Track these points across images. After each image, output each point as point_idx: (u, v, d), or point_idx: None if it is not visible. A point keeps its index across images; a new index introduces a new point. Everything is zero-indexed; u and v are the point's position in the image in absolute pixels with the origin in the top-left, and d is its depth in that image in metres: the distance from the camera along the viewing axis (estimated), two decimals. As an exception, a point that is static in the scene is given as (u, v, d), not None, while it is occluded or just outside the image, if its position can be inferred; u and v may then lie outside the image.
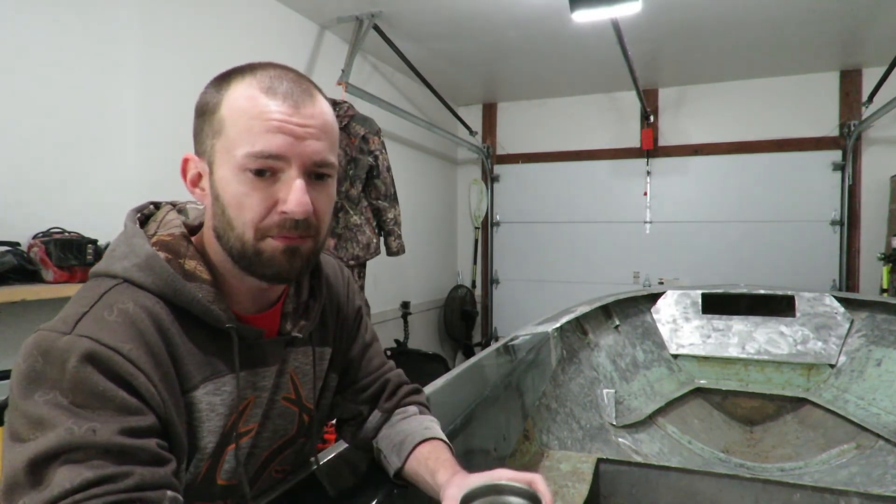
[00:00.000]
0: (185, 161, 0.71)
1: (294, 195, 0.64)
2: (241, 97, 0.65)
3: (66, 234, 1.77)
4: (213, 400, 0.68)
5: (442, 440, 0.84)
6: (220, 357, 0.69)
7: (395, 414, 0.89)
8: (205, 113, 0.67)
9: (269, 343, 0.74)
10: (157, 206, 0.76)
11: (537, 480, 0.67)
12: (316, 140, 0.66)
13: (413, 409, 0.90)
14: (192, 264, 0.68)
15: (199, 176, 0.69)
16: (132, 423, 0.57)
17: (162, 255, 0.66)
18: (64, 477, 0.52)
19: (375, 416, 0.89)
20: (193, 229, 0.74)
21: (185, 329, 0.66)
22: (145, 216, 0.74)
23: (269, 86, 0.65)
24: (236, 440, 0.71)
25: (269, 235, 0.65)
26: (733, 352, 2.71)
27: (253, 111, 0.64)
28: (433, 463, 0.77)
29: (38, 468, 0.53)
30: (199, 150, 0.69)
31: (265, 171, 0.64)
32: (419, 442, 0.82)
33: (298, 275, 0.70)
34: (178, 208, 0.77)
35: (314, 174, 0.67)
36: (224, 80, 0.67)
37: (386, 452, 0.85)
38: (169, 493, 0.57)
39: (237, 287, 0.71)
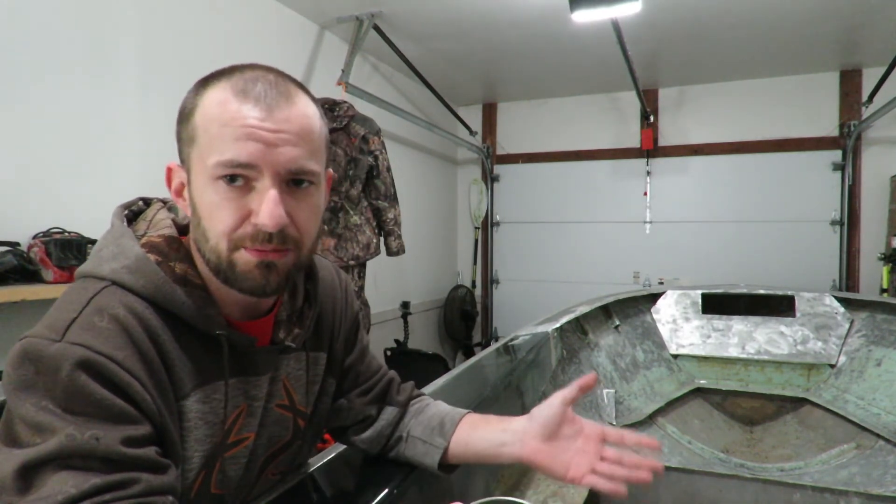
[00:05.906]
0: (169, 170, 0.68)
1: (266, 206, 0.60)
2: (214, 102, 0.61)
3: (66, 234, 1.77)
4: (202, 408, 0.66)
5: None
6: (211, 364, 0.67)
7: (412, 404, 0.90)
8: (182, 120, 0.64)
9: (262, 352, 0.71)
10: (147, 202, 0.73)
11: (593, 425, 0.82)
12: (292, 146, 0.61)
13: (428, 398, 0.93)
14: (182, 268, 0.65)
15: (183, 185, 0.66)
16: (131, 432, 0.56)
17: (152, 257, 0.64)
18: (64, 482, 0.51)
19: (388, 411, 0.88)
20: (183, 228, 0.71)
21: (176, 335, 0.64)
22: (134, 213, 0.72)
23: (242, 88, 0.61)
24: (226, 450, 0.70)
25: (242, 247, 0.62)
26: (733, 352, 2.71)
27: (223, 117, 0.60)
28: (495, 421, 0.84)
29: (29, 473, 0.52)
30: (180, 158, 0.66)
31: (237, 179, 0.60)
32: (461, 417, 0.85)
33: (276, 290, 0.65)
34: (169, 206, 0.73)
35: (292, 182, 0.63)
36: (202, 84, 0.64)
37: (424, 438, 0.85)
38: (170, 498, 0.57)
39: (225, 296, 0.68)
